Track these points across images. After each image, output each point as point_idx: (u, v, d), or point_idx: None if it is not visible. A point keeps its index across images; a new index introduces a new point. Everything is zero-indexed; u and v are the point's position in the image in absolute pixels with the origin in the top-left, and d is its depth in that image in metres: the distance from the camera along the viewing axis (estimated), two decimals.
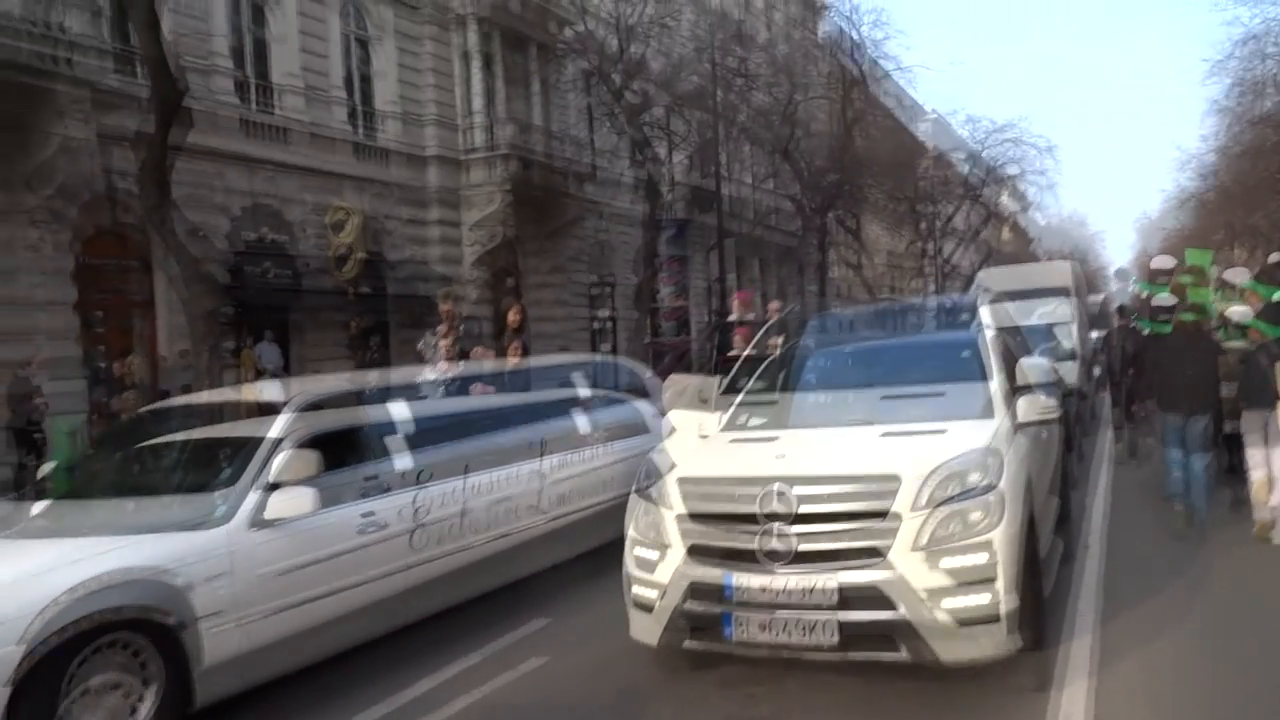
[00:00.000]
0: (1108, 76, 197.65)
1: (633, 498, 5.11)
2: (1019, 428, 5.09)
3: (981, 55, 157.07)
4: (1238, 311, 8.15)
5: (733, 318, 8.94)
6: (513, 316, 7.34)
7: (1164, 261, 11.17)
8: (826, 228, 35.17)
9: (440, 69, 21.41)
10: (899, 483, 4.28)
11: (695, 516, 4.58)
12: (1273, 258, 9.78)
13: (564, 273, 24.30)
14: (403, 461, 5.58)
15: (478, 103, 21.70)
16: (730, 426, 5.71)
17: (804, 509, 4.30)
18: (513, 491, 6.20)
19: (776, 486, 4.36)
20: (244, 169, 16.88)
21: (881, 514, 4.23)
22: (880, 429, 5.02)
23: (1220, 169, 43.52)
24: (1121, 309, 14.58)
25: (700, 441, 5.53)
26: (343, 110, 19.33)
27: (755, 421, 5.79)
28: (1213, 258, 9.99)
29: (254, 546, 4.69)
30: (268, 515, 4.74)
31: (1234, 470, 8.31)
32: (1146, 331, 10.23)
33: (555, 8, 22.63)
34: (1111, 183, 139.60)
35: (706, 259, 30.29)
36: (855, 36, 29.84)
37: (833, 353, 6.67)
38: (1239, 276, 9.31)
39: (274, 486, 4.81)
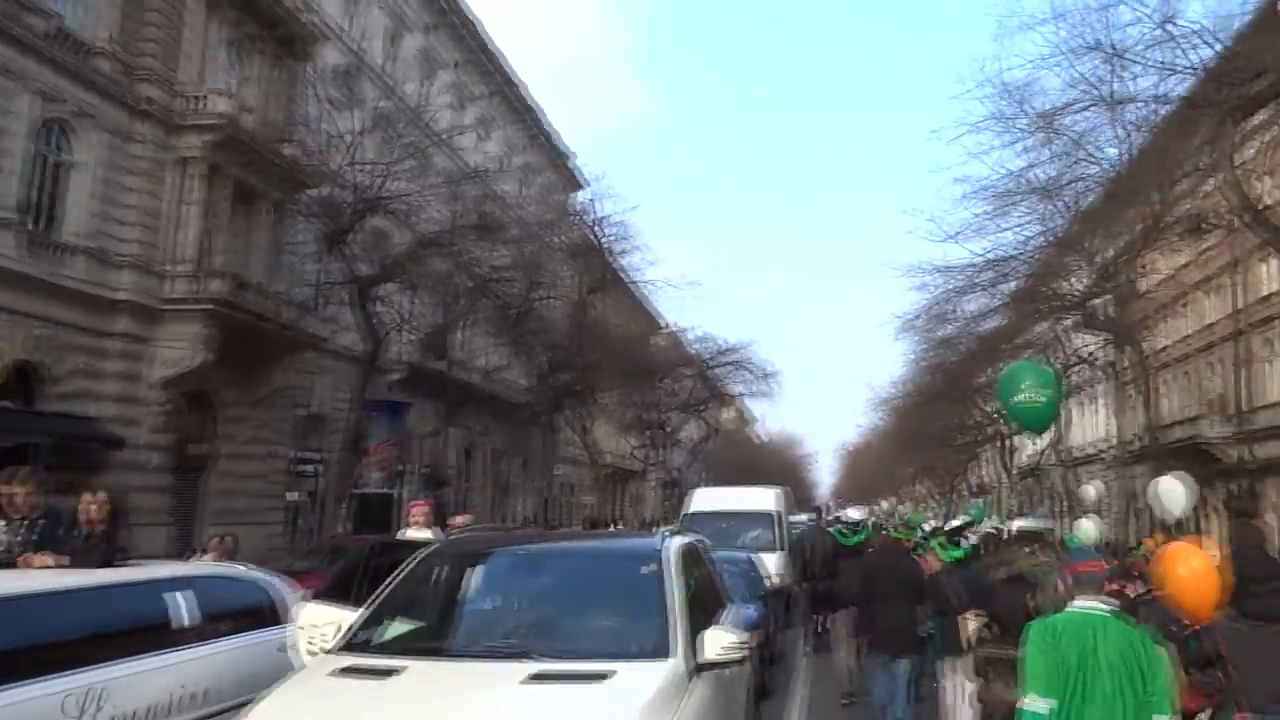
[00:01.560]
0: (825, 312, 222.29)
1: None
2: (700, 670, 4.29)
3: (720, 280, 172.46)
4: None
5: (408, 534, 7.55)
6: (93, 510, 5.55)
7: (856, 514, 13.00)
8: (554, 424, 35.07)
9: (149, 208, 19.46)
10: None
11: None
12: (952, 523, 10.66)
13: (263, 443, 22.02)
14: None
15: (188, 250, 19.81)
16: (351, 644, 4.52)
17: None
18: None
19: None
20: None
21: None
22: (530, 668, 4.03)
23: (907, 410, 48.71)
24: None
25: (304, 669, 4.35)
26: (9, 237, 16.75)
27: (388, 636, 4.68)
28: (920, 518, 11.36)
29: None
30: None
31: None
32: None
33: (298, 166, 21.61)
34: (821, 409, 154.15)
35: (429, 444, 29.00)
36: (597, 243, 30.95)
37: (502, 555, 5.65)
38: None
39: None
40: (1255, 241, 27.18)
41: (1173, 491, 19.73)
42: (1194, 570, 4.60)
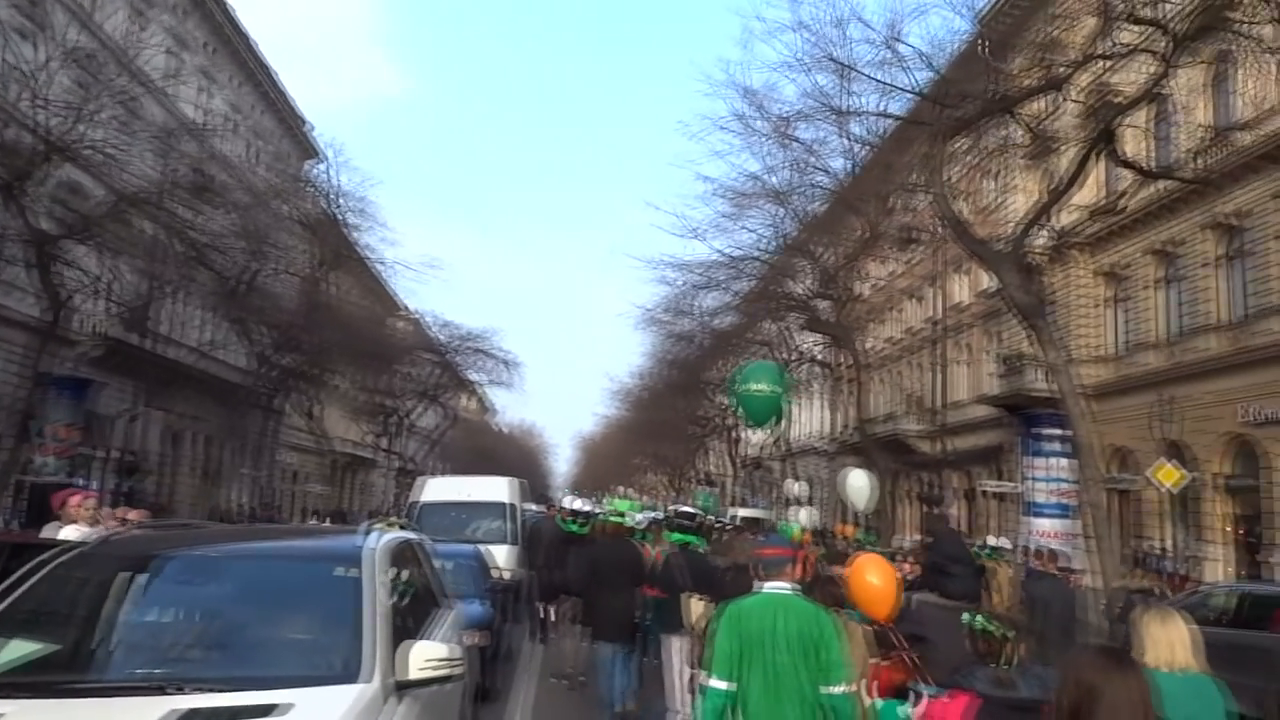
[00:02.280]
0: (569, 303, 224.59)
1: None
2: (401, 690, 3.67)
3: (465, 270, 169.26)
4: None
5: (63, 531, 6.19)
6: None
7: (578, 504, 13.52)
8: (275, 408, 32.58)
9: None
10: None
11: None
12: (671, 509, 11.10)
13: None
14: None
15: None
16: None
17: None
18: None
19: None
20: None
21: None
22: (176, 704, 3.21)
23: (644, 402, 50.03)
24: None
25: None
26: None
27: (6, 658, 3.68)
28: (633, 504, 11.72)
29: None
30: None
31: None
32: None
33: None
34: (561, 400, 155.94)
35: (127, 427, 25.79)
36: (333, 216, 28.94)
37: (164, 559, 4.50)
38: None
39: None
40: (953, 255, 30.35)
41: (856, 485, 21.21)
42: (879, 579, 5.36)
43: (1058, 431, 17.23)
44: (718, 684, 3.88)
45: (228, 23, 34.39)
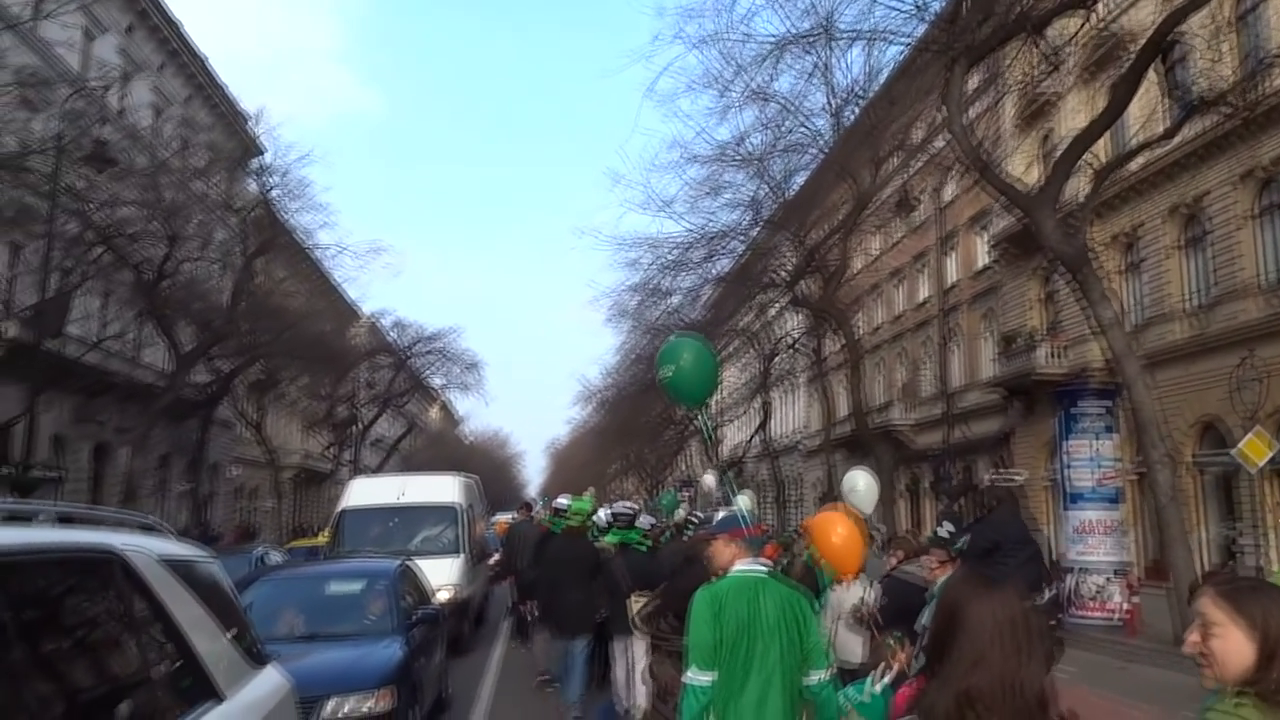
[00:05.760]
0: (535, 307, 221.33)
1: None
2: None
3: (425, 274, 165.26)
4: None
5: None
6: None
7: (564, 501, 12.55)
8: (211, 418, 29.59)
9: None
10: None
11: None
12: (617, 507, 10.92)
13: None
14: None
15: None
16: None
17: None
18: None
19: None
20: None
21: None
22: None
23: (617, 403, 47.40)
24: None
25: None
26: None
27: None
28: (591, 502, 11.38)
29: None
30: None
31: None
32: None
33: None
34: (530, 408, 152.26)
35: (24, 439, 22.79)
36: (262, 194, 26.09)
37: None
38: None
39: None
40: (947, 229, 28.07)
41: (864, 487, 18.81)
42: (841, 535, 5.35)
43: (1104, 406, 14.88)
44: (699, 678, 3.61)
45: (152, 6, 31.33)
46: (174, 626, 2.43)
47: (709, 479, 34.96)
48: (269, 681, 3.15)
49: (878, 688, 3.93)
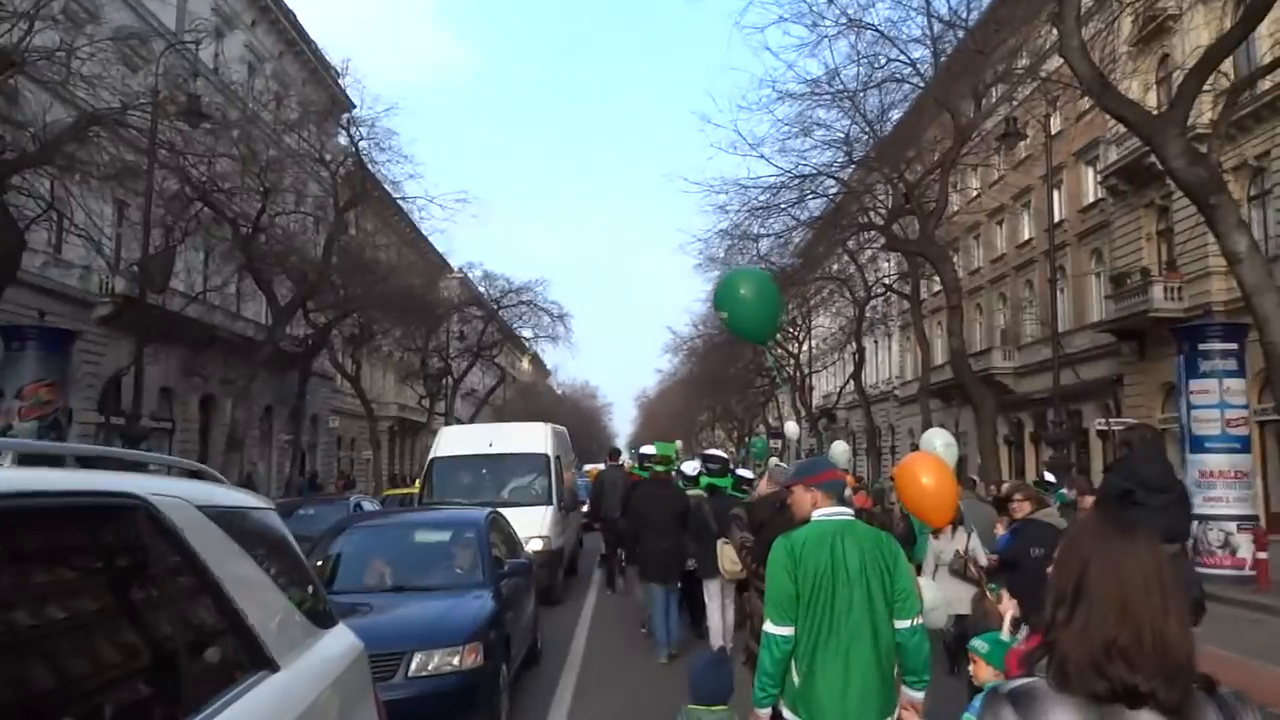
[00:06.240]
0: (621, 250, 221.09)
1: None
2: None
3: (516, 229, 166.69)
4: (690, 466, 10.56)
5: None
6: None
7: (650, 449, 13.68)
8: (309, 370, 30.24)
9: None
10: None
11: None
12: (708, 453, 11.10)
13: None
14: None
15: None
16: None
17: None
18: None
19: None
20: None
21: None
22: None
23: (706, 353, 46.93)
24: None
25: None
26: None
27: None
28: (676, 448, 11.57)
29: None
30: None
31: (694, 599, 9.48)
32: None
33: None
34: (618, 358, 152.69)
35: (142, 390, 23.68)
36: (353, 145, 26.21)
37: None
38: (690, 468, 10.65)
39: None
40: (1057, 163, 26.47)
41: (946, 448, 18.01)
42: (934, 480, 5.44)
43: (1231, 346, 13.81)
44: (778, 630, 3.46)
45: None
46: (215, 585, 2.10)
47: (791, 427, 34.41)
48: (336, 644, 2.83)
49: (1013, 638, 3.71)
